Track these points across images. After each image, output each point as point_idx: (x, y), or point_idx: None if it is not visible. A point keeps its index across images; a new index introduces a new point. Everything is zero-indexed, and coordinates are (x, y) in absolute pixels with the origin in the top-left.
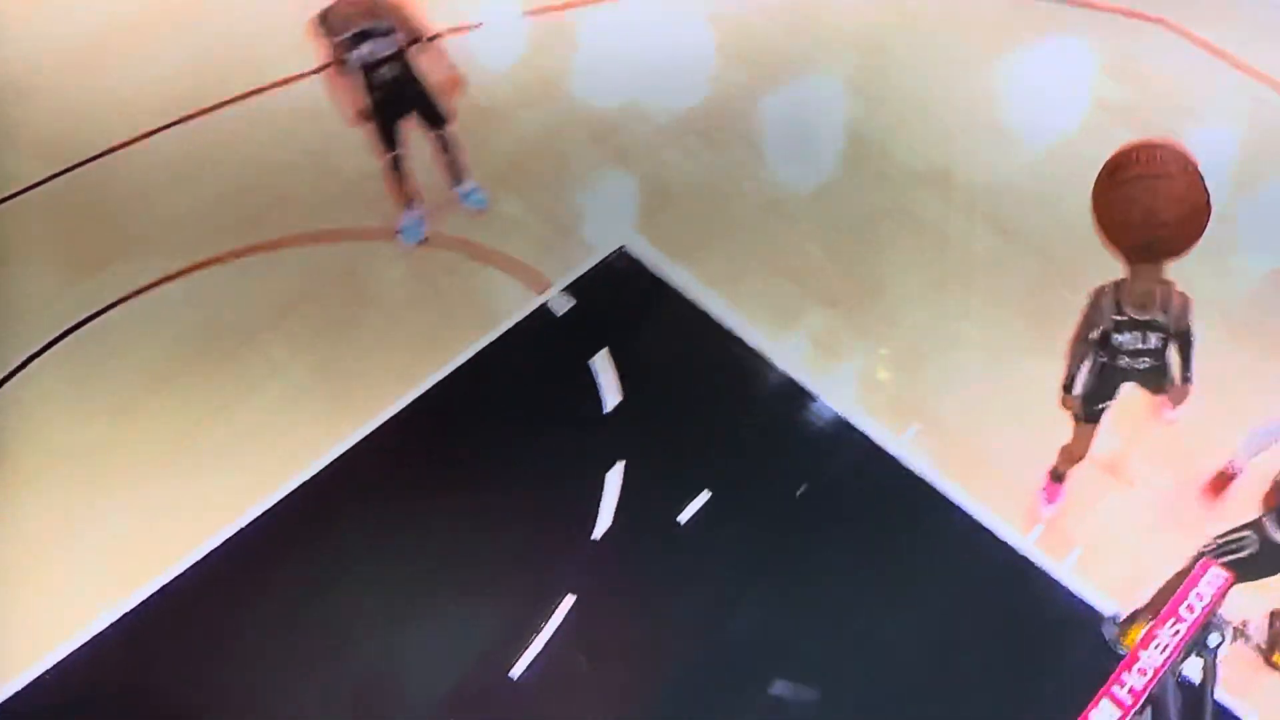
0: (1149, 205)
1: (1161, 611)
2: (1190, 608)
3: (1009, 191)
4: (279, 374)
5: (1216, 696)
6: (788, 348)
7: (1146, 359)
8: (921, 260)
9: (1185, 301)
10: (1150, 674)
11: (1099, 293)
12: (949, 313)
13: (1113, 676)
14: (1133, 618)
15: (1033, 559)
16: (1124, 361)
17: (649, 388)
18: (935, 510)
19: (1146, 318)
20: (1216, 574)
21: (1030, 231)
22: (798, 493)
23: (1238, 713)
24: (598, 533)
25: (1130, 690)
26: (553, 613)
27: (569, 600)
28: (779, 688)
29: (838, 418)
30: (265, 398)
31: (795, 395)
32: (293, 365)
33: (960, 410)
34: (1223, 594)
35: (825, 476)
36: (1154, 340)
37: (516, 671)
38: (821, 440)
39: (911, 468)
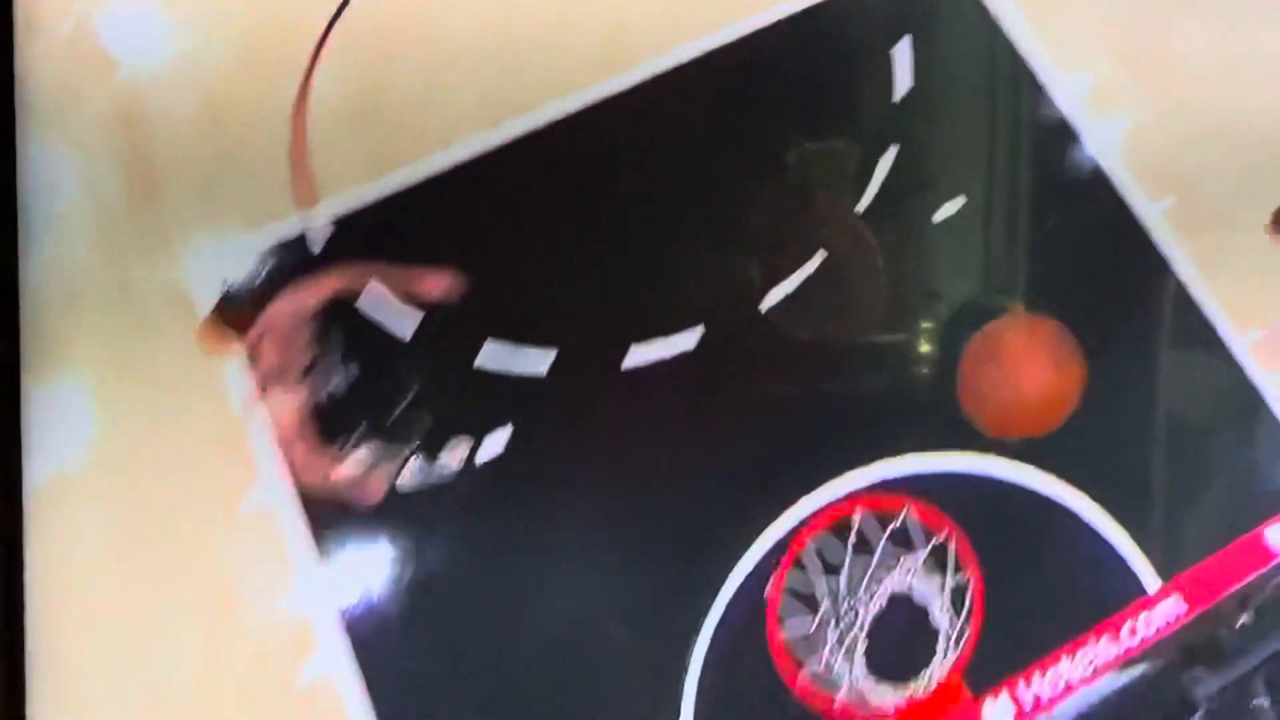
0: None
1: None
2: None
3: None
4: None
5: None
6: (1069, 85)
7: None
8: (1217, 38)
9: None
10: None
11: None
12: (1235, 96)
13: None
14: None
15: (1246, 369)
16: None
17: (935, 86)
18: (1163, 280)
19: None
20: None
21: None
22: (1045, 226)
23: None
24: (860, 207)
25: None
26: (805, 264)
27: (820, 256)
28: None
29: (1097, 167)
30: None
31: (1063, 132)
32: None
33: (1219, 196)
34: None
35: (1072, 219)
36: None
37: (765, 305)
38: (1076, 184)
39: (1154, 236)
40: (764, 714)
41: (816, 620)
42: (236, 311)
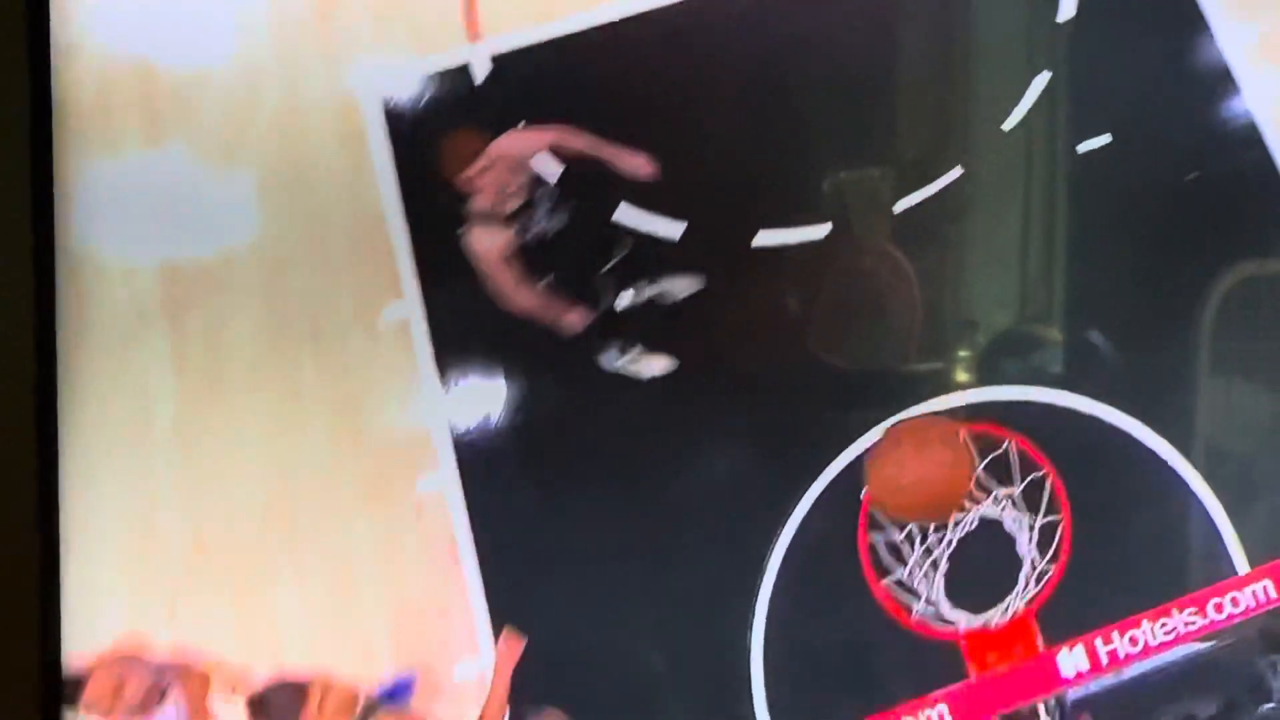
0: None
1: None
2: None
3: None
4: None
5: None
6: (1236, 33)
7: None
8: None
9: None
10: None
11: None
12: None
13: None
14: None
15: None
16: None
17: (1097, 18)
18: None
19: None
20: None
21: None
22: (1188, 177)
23: None
24: (1007, 125)
25: None
26: (944, 175)
27: (958, 171)
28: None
29: (1250, 120)
30: None
31: (1222, 81)
32: None
33: None
34: None
35: (1218, 171)
36: None
37: (899, 208)
38: (1226, 135)
39: None
40: (840, 606)
41: (905, 532)
42: (463, 142)
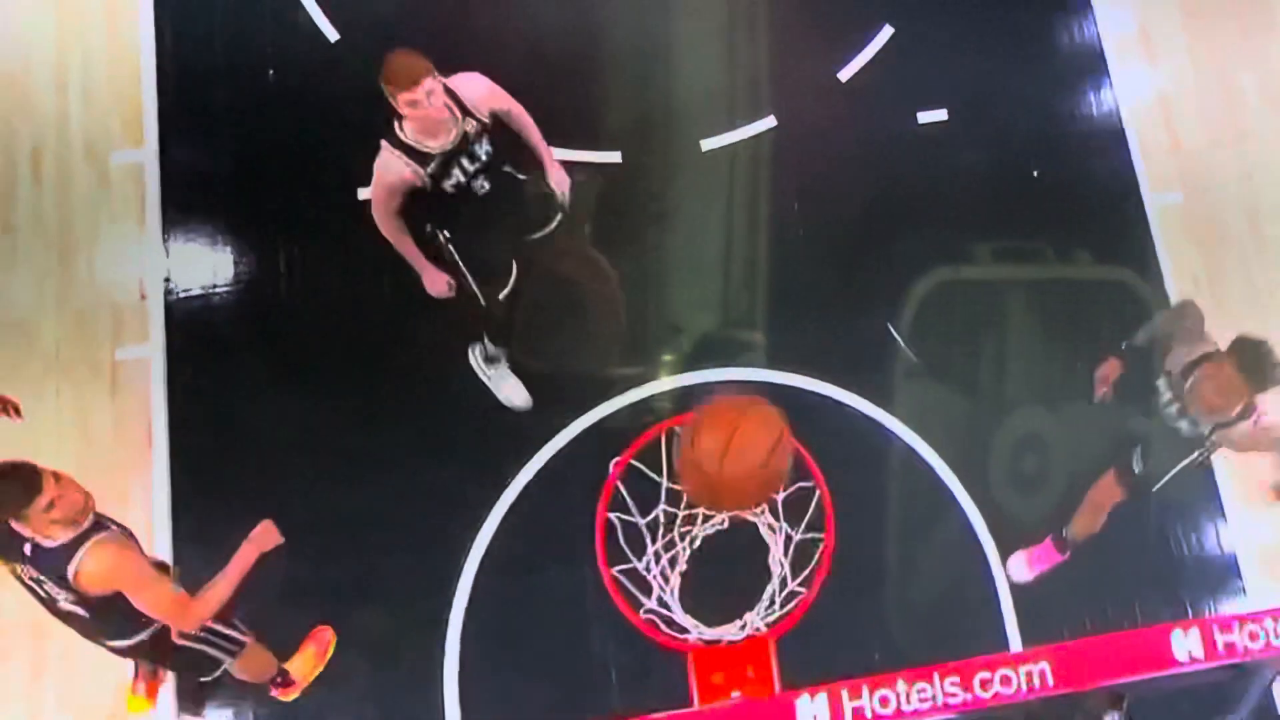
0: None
1: None
2: None
3: None
4: None
5: None
6: (1117, 18)
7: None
8: None
9: (1264, 430)
10: (1263, 644)
11: (1200, 346)
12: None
13: (1219, 618)
14: None
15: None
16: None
17: None
18: (1136, 289)
19: (1194, 409)
20: None
21: None
22: (1034, 172)
23: None
24: (844, 75)
25: (1227, 644)
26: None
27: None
28: None
29: (1118, 123)
30: None
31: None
32: None
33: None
34: None
35: (1064, 176)
36: (1183, 427)
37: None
38: (1085, 135)
39: (1153, 229)
40: (563, 581)
41: (648, 519)
42: (409, 62)
